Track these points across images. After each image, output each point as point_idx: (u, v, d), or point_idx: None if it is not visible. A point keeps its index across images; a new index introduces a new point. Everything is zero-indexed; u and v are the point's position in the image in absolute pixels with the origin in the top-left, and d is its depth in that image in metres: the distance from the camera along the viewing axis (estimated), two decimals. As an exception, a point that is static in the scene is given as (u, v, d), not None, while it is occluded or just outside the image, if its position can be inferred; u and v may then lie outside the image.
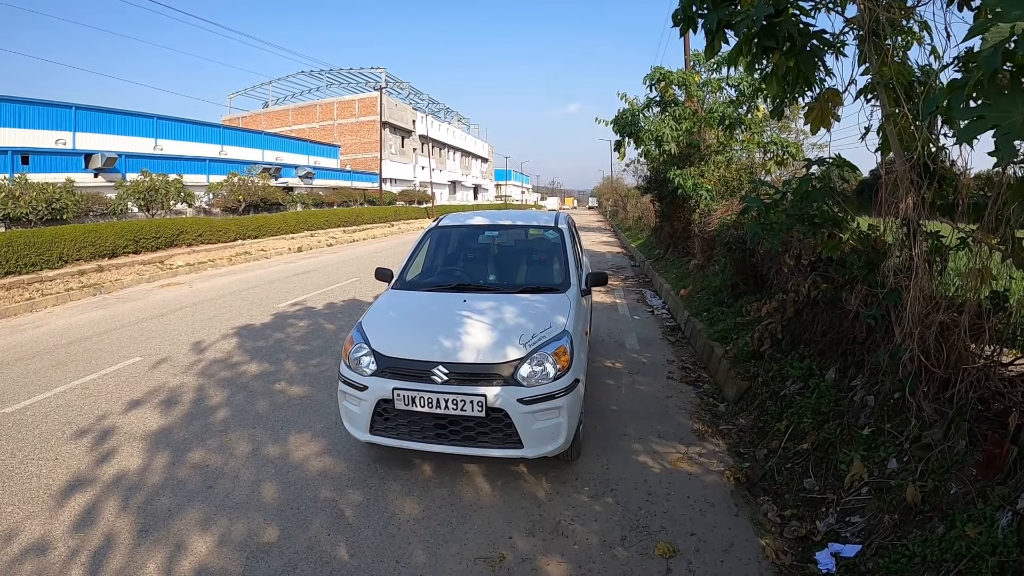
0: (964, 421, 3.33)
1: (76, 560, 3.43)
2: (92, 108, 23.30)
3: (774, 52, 3.42)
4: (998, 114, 1.97)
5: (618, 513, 3.85)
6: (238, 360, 7.41)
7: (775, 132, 12.92)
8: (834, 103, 4.07)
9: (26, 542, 3.61)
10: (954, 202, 3.58)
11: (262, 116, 53.22)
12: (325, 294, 12.19)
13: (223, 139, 31.05)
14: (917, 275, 3.58)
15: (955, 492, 3.07)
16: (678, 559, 3.35)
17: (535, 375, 3.98)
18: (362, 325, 4.61)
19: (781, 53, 3.38)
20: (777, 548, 3.41)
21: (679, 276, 12.47)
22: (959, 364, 3.42)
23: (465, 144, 69.99)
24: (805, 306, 5.40)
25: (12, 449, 4.89)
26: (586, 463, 4.56)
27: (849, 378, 4.56)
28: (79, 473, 4.50)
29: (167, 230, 17.72)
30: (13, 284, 11.89)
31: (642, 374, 6.82)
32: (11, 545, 3.57)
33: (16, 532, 3.71)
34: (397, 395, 4.01)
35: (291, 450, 4.87)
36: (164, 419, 5.53)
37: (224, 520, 3.84)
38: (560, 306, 4.74)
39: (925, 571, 2.78)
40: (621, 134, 13.22)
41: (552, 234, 6.07)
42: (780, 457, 4.35)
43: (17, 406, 5.85)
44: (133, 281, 13.85)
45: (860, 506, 3.52)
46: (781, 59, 3.41)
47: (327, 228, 28.16)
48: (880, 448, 3.71)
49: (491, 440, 3.98)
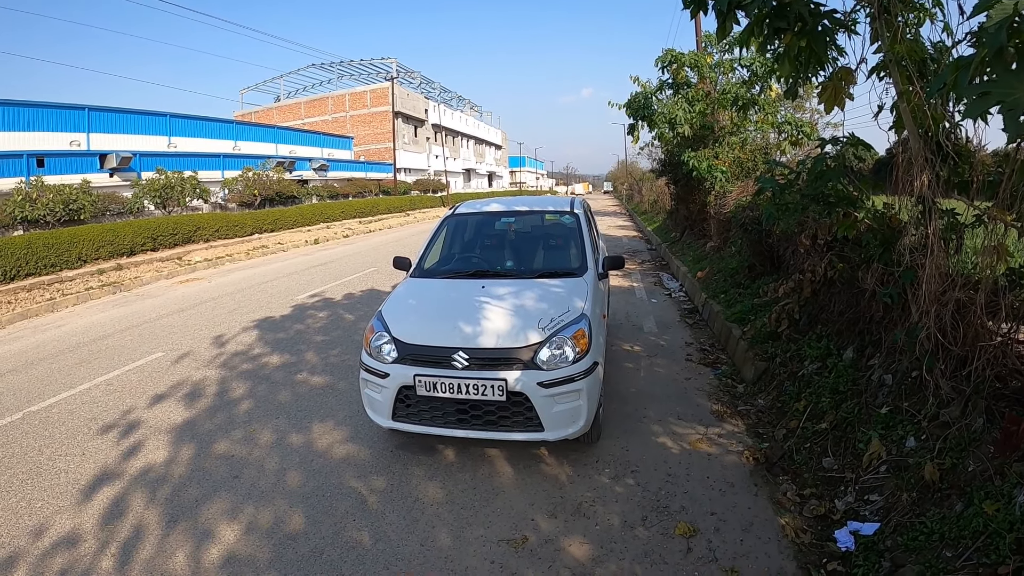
0: (981, 399, 3.34)
1: (106, 551, 3.54)
2: (105, 109, 23.40)
3: (786, 33, 3.42)
4: (1003, 90, 1.98)
5: (639, 494, 3.91)
6: (259, 352, 7.52)
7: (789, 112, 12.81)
8: (847, 82, 4.05)
9: (57, 535, 3.72)
10: (969, 179, 3.57)
11: (274, 110, 53.34)
12: (343, 285, 12.29)
13: (236, 135, 31.10)
14: (933, 253, 3.58)
15: (973, 470, 3.08)
16: (698, 538, 3.41)
17: (554, 358, 4.03)
18: (382, 314, 4.67)
19: (793, 34, 3.38)
20: (796, 527, 3.45)
21: (696, 259, 12.45)
22: (976, 342, 3.41)
23: (478, 132, 69.80)
24: (822, 286, 5.40)
25: (40, 446, 5.02)
26: (606, 445, 4.61)
27: (867, 357, 4.56)
28: (106, 467, 4.61)
29: (184, 227, 17.88)
30: (34, 285, 12.08)
31: (660, 356, 6.86)
32: (42, 539, 3.68)
33: (47, 526, 3.83)
34: (419, 381, 4.08)
35: (314, 439, 4.96)
36: (188, 412, 5.65)
37: (251, 508, 3.94)
38: (578, 290, 4.78)
39: (943, 548, 2.79)
40: (634, 117, 13.16)
41: (568, 219, 6.09)
42: (799, 437, 4.37)
43: (43, 404, 5.98)
44: (152, 278, 14.03)
45: (878, 484, 3.54)
46: (793, 40, 3.41)
47: (343, 219, 28.27)
48: (898, 427, 3.73)
49: (512, 424, 4.04)
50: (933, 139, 3.63)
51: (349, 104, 51.15)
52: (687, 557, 3.25)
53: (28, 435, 5.25)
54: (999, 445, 3.04)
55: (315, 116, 51.31)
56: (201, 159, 25.35)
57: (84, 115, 22.28)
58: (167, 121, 26.52)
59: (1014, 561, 2.45)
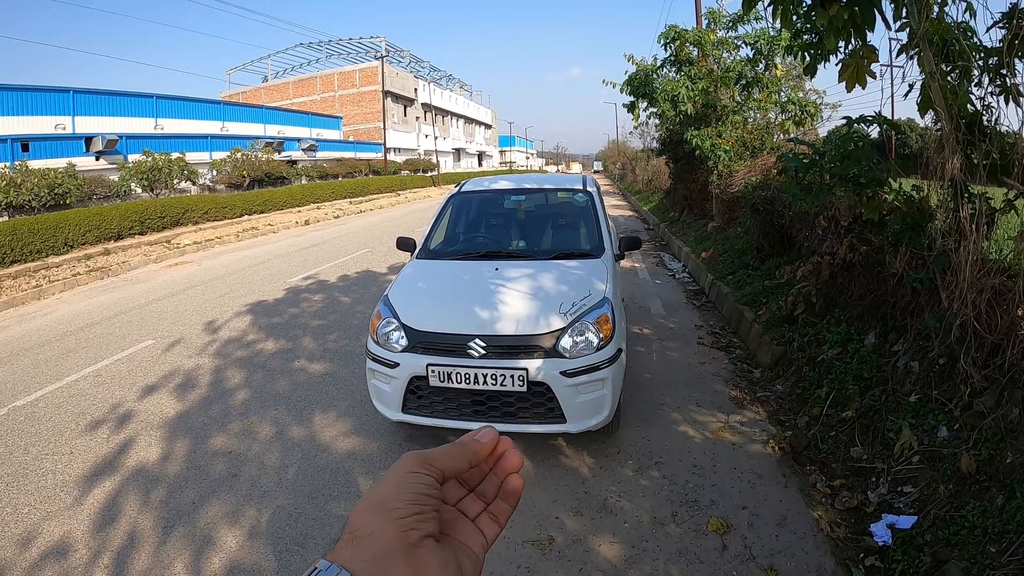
0: (1018, 389, 3.24)
1: (99, 562, 3.32)
2: (90, 91, 22.94)
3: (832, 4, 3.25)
4: None
5: (666, 487, 3.77)
6: (254, 338, 7.30)
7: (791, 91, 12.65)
8: (870, 59, 3.90)
9: (45, 545, 3.50)
10: (1010, 163, 3.44)
11: (262, 90, 52.66)
12: (337, 267, 12.07)
13: (224, 115, 30.65)
14: (967, 238, 3.46)
15: (1011, 461, 2.98)
16: (733, 535, 3.29)
17: (577, 345, 3.85)
18: (389, 298, 4.42)
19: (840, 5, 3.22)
20: (830, 520, 3.36)
21: (697, 239, 12.34)
22: (1012, 330, 3.31)
23: (468, 111, 69.31)
24: (841, 269, 5.28)
25: (26, 444, 4.77)
26: (627, 435, 4.48)
27: (890, 343, 4.45)
28: (96, 467, 4.37)
29: (172, 209, 17.57)
30: (20, 272, 11.77)
31: (671, 340, 6.73)
32: (30, 549, 3.46)
33: (35, 534, 3.60)
34: (431, 371, 3.86)
35: (317, 431, 4.76)
36: (181, 404, 5.41)
37: (252, 511, 3.73)
38: (597, 272, 4.59)
39: (987, 543, 2.70)
40: (634, 95, 12.95)
41: (581, 197, 5.90)
42: (823, 425, 4.27)
43: (29, 398, 5.73)
44: (141, 262, 13.74)
45: (912, 475, 3.44)
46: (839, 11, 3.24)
47: (333, 200, 27.95)
48: (929, 416, 3.63)
49: (532, 416, 3.86)
50: (965, 121, 3.50)
51: (338, 84, 50.61)
52: (723, 555, 3.13)
53: (13, 432, 4.99)
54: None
55: (304, 96, 50.73)
56: (188, 140, 24.88)
57: (69, 98, 21.84)
58: (153, 103, 26.09)
59: (1061, 557, 2.34)
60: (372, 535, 0.49)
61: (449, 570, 0.51)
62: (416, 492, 0.52)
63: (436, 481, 0.54)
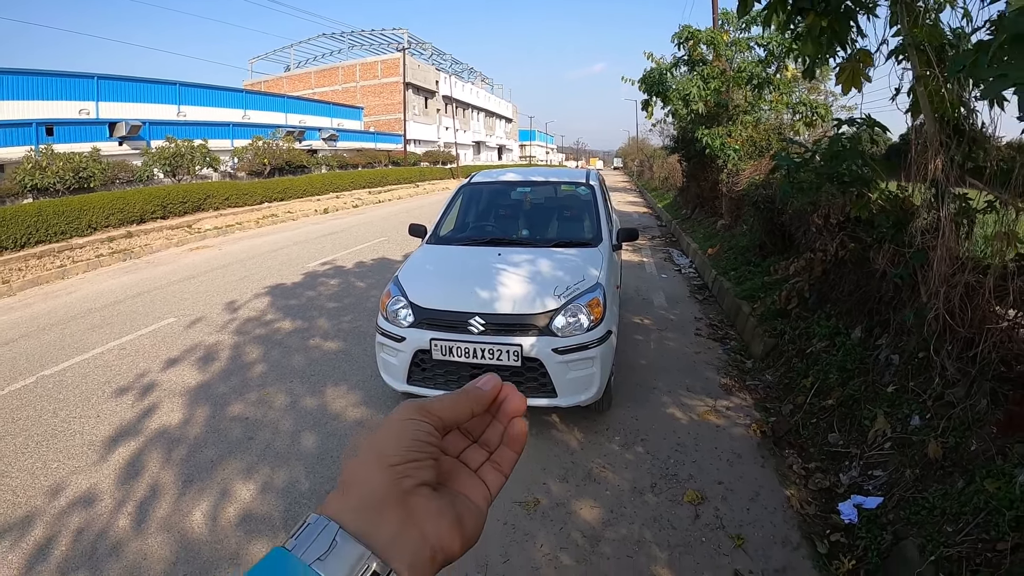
0: (987, 380, 3.39)
1: (123, 510, 3.63)
2: (115, 77, 23.29)
3: (808, 13, 3.45)
4: (1020, 73, 2.04)
5: (648, 462, 4.02)
6: (271, 318, 7.60)
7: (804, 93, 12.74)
8: (865, 64, 4.08)
9: (73, 495, 3.80)
10: (984, 165, 3.62)
11: (284, 80, 53.01)
12: (354, 254, 12.35)
13: (246, 104, 31.03)
14: (944, 235, 3.64)
15: (975, 449, 3.15)
16: (706, 505, 3.52)
17: (569, 326, 4.11)
18: (399, 278, 4.73)
19: (816, 14, 3.42)
20: (801, 498, 3.56)
21: (706, 236, 12.49)
22: (983, 324, 3.47)
23: (489, 104, 69.34)
24: (832, 265, 5.46)
25: (54, 409, 5.08)
26: (617, 414, 4.72)
27: (875, 337, 4.63)
28: (121, 429, 4.68)
29: (194, 195, 17.88)
30: (44, 252, 12.10)
31: (670, 330, 6.95)
32: (58, 498, 3.76)
33: (63, 486, 3.90)
34: (435, 345, 4.16)
35: (328, 401, 5.07)
36: (202, 375, 5.72)
37: (266, 469, 4.04)
38: (593, 260, 4.86)
39: (944, 523, 2.87)
40: (649, 93, 13.11)
41: (584, 190, 6.17)
42: (805, 412, 4.47)
43: (56, 368, 6.03)
44: (162, 246, 14.10)
45: (883, 460, 3.63)
46: (815, 19, 3.44)
47: (352, 190, 28.21)
48: (904, 405, 3.81)
49: (526, 389, 4.12)
50: (949, 124, 3.67)
51: (359, 74, 50.83)
52: (695, 523, 3.37)
53: (42, 398, 5.32)
54: (1002, 426, 3.11)
55: (325, 86, 50.99)
56: (211, 128, 25.23)
57: (93, 83, 22.21)
58: (176, 90, 26.46)
59: (1013, 538, 2.53)
60: (362, 482, 0.49)
61: (445, 519, 0.51)
62: (412, 439, 0.52)
63: (435, 429, 0.54)
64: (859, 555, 3.04)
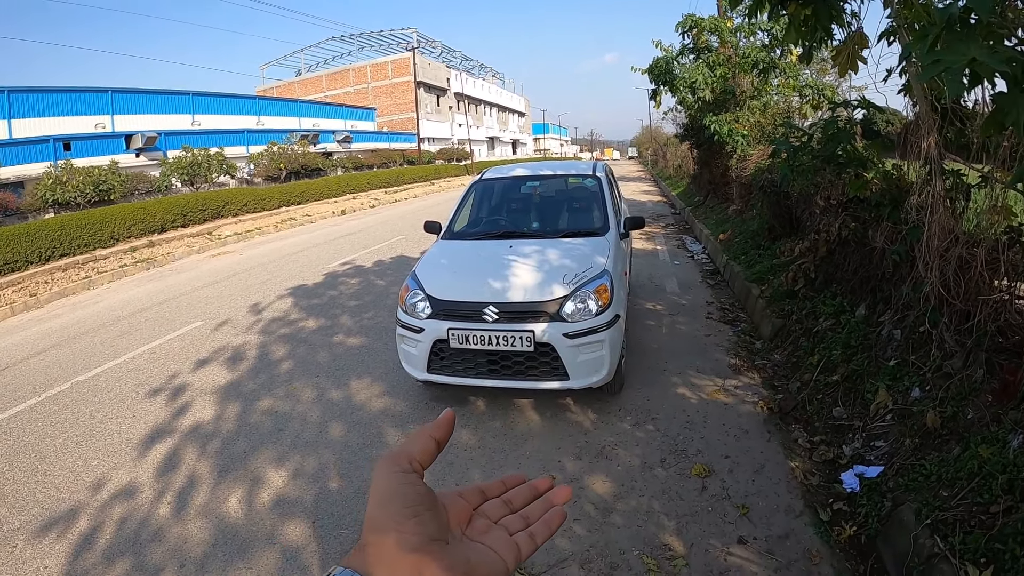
0: (982, 351, 3.51)
1: (163, 499, 3.87)
2: (128, 90, 23.50)
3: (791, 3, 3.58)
4: (950, 57, 2.20)
5: (658, 439, 4.20)
6: (295, 318, 7.83)
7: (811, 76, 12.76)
8: (861, 46, 4.19)
9: (114, 488, 4.04)
10: (969, 141, 3.73)
11: (296, 84, 53.38)
12: (372, 253, 12.56)
13: (259, 110, 31.26)
14: (937, 211, 3.76)
15: (971, 417, 3.27)
16: (713, 478, 3.69)
17: (578, 311, 4.31)
18: (416, 273, 4.96)
19: (797, 4, 3.55)
20: (805, 470, 3.72)
21: (718, 222, 12.59)
22: (978, 296, 3.58)
23: (501, 99, 69.39)
24: (836, 245, 5.57)
25: (91, 411, 5.33)
26: (628, 395, 4.91)
27: (878, 314, 4.75)
28: (157, 426, 4.94)
29: (212, 202, 18.13)
30: (69, 265, 12.35)
31: (682, 315, 7.11)
32: (100, 492, 4.00)
33: (104, 481, 4.14)
34: (452, 334, 4.38)
35: (353, 393, 5.30)
36: (231, 374, 5.96)
37: (296, 457, 4.28)
38: (600, 248, 5.05)
39: (940, 488, 2.99)
40: (656, 82, 13.21)
41: (590, 182, 6.36)
42: (812, 389, 4.61)
43: (90, 373, 6.29)
44: (184, 253, 14.42)
45: (884, 432, 3.76)
46: (798, 8, 3.57)
47: (368, 190, 28.43)
48: (904, 378, 3.94)
49: (539, 373, 4.34)
50: (940, 102, 3.78)
51: (371, 75, 51.08)
52: (702, 495, 3.54)
53: (78, 402, 5.55)
54: (997, 394, 3.23)
55: (337, 89, 51.32)
56: (225, 136, 25.53)
57: (108, 97, 22.43)
58: (190, 99, 26.68)
59: (1005, 500, 2.65)
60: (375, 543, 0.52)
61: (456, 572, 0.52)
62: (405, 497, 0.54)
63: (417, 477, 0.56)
64: (860, 521, 3.18)
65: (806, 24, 3.64)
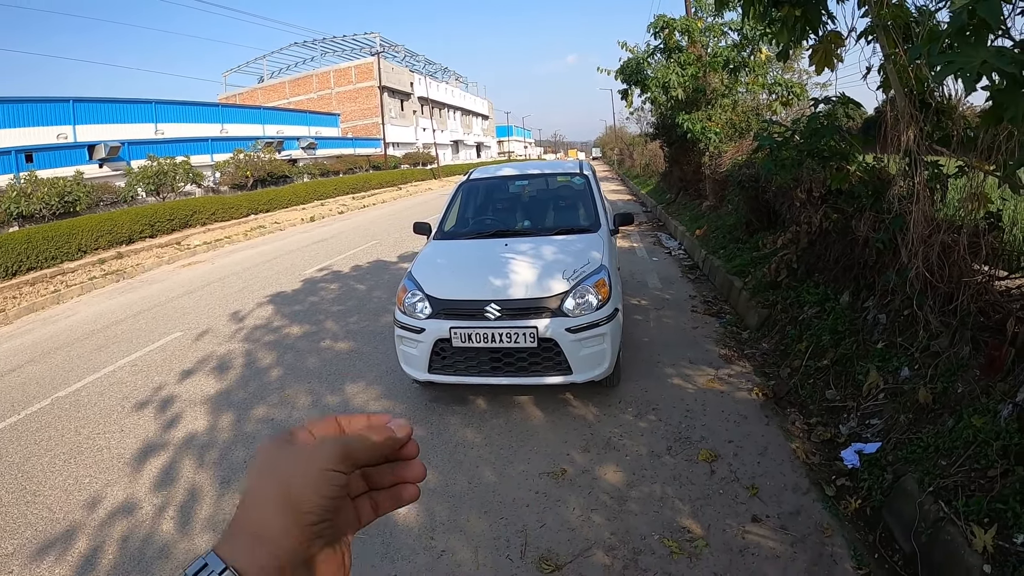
0: (967, 330, 3.70)
1: (165, 514, 3.76)
2: (90, 99, 23.15)
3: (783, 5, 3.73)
4: (963, 59, 2.39)
5: (661, 428, 4.31)
6: (279, 324, 7.73)
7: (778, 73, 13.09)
8: (836, 45, 4.36)
9: (111, 506, 3.91)
10: (951, 133, 3.92)
11: (259, 91, 52.73)
12: (348, 258, 12.48)
13: (223, 117, 30.89)
14: (920, 200, 3.94)
15: (962, 391, 3.45)
16: (720, 462, 3.82)
17: (579, 306, 4.39)
18: (413, 274, 4.95)
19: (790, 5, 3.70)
20: (806, 450, 3.86)
21: (692, 218, 12.81)
22: (960, 279, 3.76)
23: (465, 103, 69.40)
24: (817, 236, 5.76)
25: (76, 427, 5.17)
26: (626, 388, 5.01)
27: (862, 300, 4.94)
28: (148, 440, 4.80)
29: (180, 212, 17.93)
30: (36, 279, 12.12)
31: (667, 309, 7.25)
32: (97, 510, 3.87)
33: (99, 498, 4.01)
34: (454, 333, 4.41)
35: (349, 397, 5.28)
36: (220, 383, 5.84)
37: (298, 462, 4.27)
38: (594, 244, 5.14)
39: (938, 458, 3.15)
40: (627, 82, 13.44)
41: (579, 180, 6.47)
42: (802, 374, 4.77)
43: (70, 388, 6.12)
44: (154, 264, 14.16)
45: (878, 410, 3.93)
46: (790, 10, 3.73)
47: (336, 196, 28.30)
48: (893, 359, 4.11)
49: (543, 368, 4.40)
50: (918, 97, 3.96)
51: (334, 81, 50.70)
52: (712, 478, 3.66)
53: (61, 418, 5.38)
54: (984, 369, 3.41)
55: (300, 95, 50.81)
56: (189, 144, 25.18)
57: (69, 107, 22.01)
58: (153, 108, 26.28)
59: (1001, 464, 2.81)
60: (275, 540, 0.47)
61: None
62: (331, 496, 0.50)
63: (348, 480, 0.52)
64: (864, 495, 3.34)
65: (795, 24, 3.79)
